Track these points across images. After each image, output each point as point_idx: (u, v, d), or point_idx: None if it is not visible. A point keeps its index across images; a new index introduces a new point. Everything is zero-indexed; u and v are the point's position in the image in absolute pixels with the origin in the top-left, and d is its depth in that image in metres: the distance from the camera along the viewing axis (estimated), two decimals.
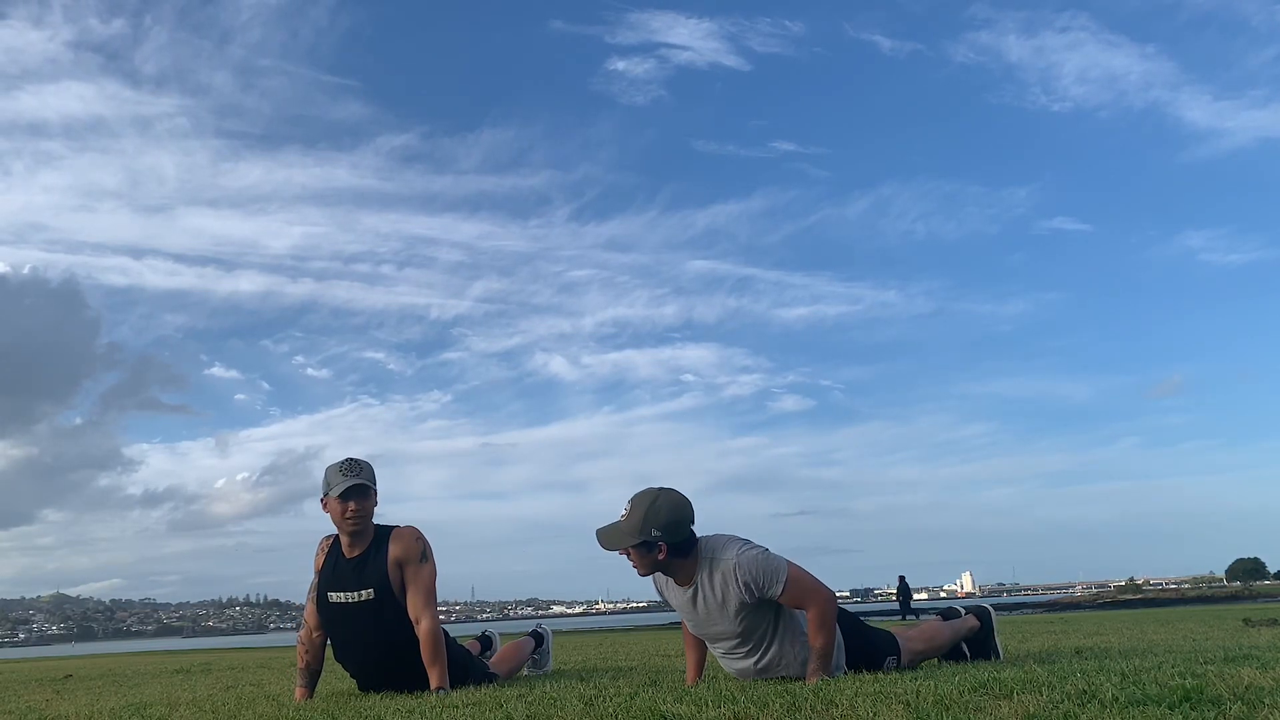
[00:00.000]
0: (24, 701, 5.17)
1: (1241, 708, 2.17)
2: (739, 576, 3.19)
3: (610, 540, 3.27)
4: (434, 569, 3.78)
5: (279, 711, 3.38)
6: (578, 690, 3.24)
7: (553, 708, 2.78)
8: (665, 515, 3.19)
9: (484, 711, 2.83)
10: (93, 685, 6.54)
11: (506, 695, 3.19)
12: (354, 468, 3.73)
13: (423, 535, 3.81)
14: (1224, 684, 2.47)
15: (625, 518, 3.24)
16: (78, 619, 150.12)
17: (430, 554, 3.79)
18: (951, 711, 2.32)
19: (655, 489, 3.26)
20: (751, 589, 3.18)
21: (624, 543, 3.23)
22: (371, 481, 3.74)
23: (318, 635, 3.87)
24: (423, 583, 3.73)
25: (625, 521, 3.24)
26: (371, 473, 3.76)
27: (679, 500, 3.25)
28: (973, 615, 3.90)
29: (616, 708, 2.69)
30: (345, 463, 3.74)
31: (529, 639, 4.68)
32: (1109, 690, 2.44)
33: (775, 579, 3.18)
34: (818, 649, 3.18)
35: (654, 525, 3.18)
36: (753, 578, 3.18)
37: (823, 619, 3.19)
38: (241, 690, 4.82)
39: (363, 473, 3.72)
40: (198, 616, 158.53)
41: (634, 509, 3.23)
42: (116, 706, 4.13)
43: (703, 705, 2.60)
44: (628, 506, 3.25)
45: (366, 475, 3.73)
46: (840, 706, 2.45)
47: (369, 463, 3.79)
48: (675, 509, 3.22)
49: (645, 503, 3.22)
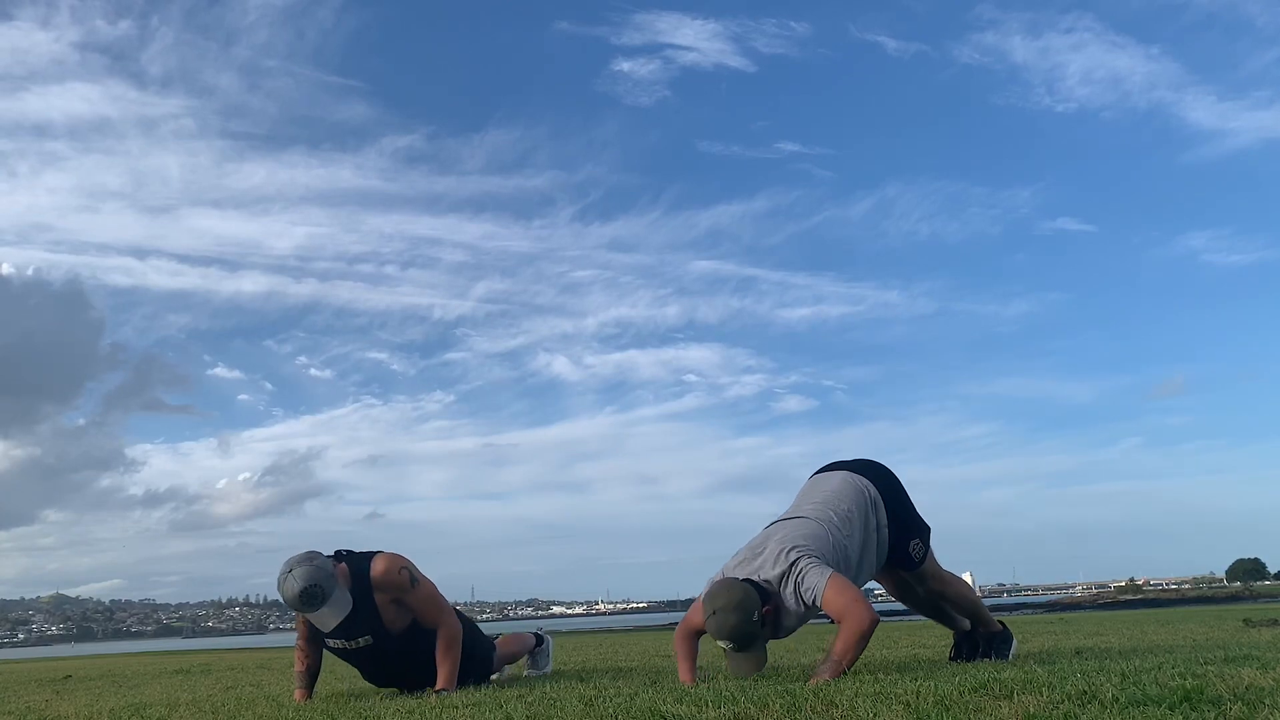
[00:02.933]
0: (24, 702, 5.17)
1: (1241, 708, 2.17)
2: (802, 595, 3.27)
3: (753, 665, 3.30)
4: (427, 584, 3.78)
5: (279, 712, 3.38)
6: (578, 690, 3.24)
7: (553, 708, 2.78)
8: (753, 596, 3.23)
9: (484, 711, 2.83)
10: (92, 685, 6.54)
11: (506, 695, 3.19)
12: (308, 601, 3.55)
13: (403, 563, 3.74)
14: (1224, 684, 2.47)
15: (732, 647, 3.25)
16: (77, 619, 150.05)
17: (416, 573, 3.77)
18: (951, 711, 2.32)
19: (710, 608, 3.24)
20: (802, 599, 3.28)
21: (761, 652, 3.31)
22: (321, 598, 3.56)
23: (315, 643, 3.89)
24: (422, 603, 3.74)
25: (739, 648, 3.24)
26: (314, 574, 3.55)
27: (726, 592, 3.25)
28: (1000, 623, 3.99)
29: (616, 708, 2.69)
30: (300, 596, 3.53)
31: (531, 636, 4.69)
32: (1109, 690, 2.44)
33: (815, 596, 3.25)
34: (835, 657, 3.15)
35: (754, 609, 3.22)
36: (805, 592, 3.26)
37: (856, 632, 3.18)
38: (241, 691, 4.82)
39: (315, 599, 3.55)
40: (197, 617, 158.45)
41: (733, 636, 3.22)
42: (116, 707, 4.13)
43: (703, 705, 2.60)
44: (724, 643, 3.25)
45: (319, 599, 3.55)
46: (840, 706, 2.45)
47: (308, 562, 3.58)
48: (750, 589, 3.25)
49: (733, 605, 3.21)
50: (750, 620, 3.21)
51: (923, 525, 3.78)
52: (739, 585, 3.26)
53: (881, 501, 3.66)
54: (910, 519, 3.74)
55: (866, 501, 3.61)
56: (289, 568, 3.56)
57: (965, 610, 3.94)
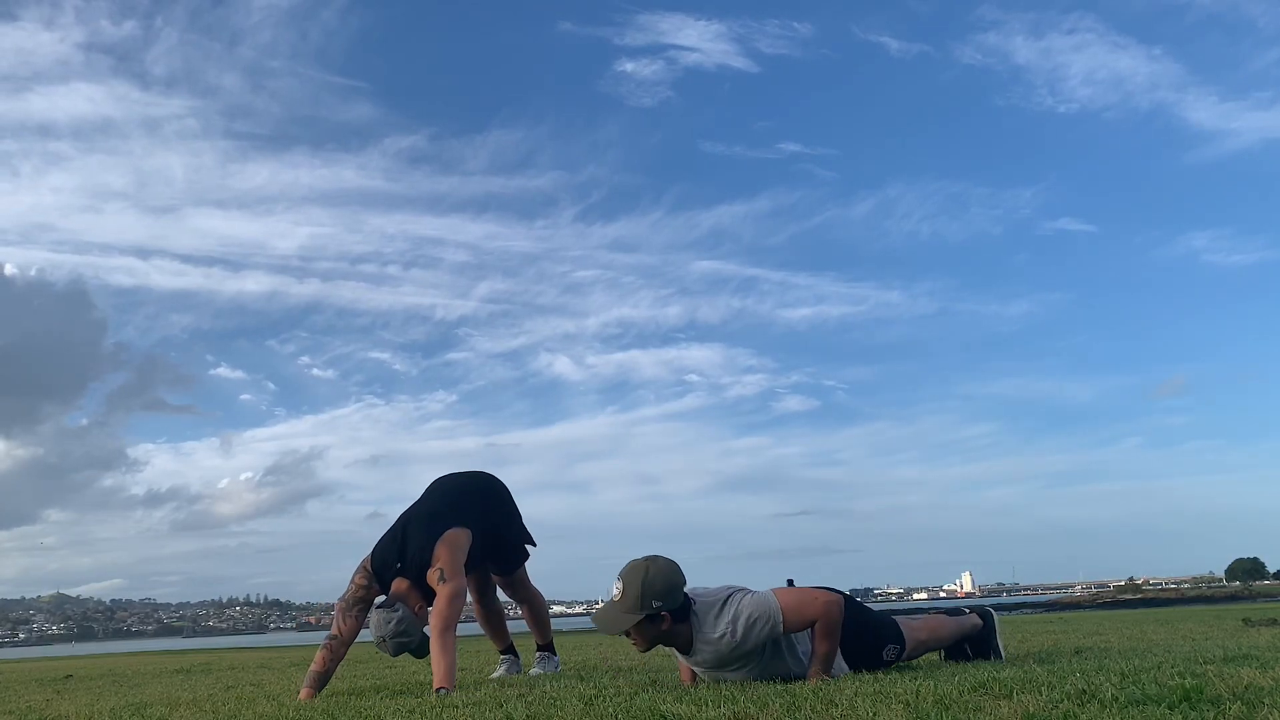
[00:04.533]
0: (24, 701, 5.17)
1: (1241, 708, 2.17)
2: (735, 634, 3.12)
3: (612, 623, 3.14)
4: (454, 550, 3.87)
5: (279, 711, 3.38)
6: (578, 690, 3.24)
7: (553, 707, 2.78)
8: (661, 583, 3.09)
9: (484, 711, 2.83)
10: (93, 685, 6.54)
11: (506, 695, 3.19)
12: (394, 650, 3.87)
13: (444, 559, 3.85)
14: (1224, 684, 2.47)
15: (620, 596, 3.11)
16: (78, 619, 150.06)
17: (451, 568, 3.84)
18: (951, 711, 2.32)
19: (641, 560, 3.17)
20: (749, 638, 3.13)
21: (628, 623, 3.10)
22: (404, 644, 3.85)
23: (343, 646, 3.92)
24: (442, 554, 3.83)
25: (621, 600, 3.11)
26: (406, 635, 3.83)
27: (668, 566, 3.16)
28: (976, 615, 3.92)
29: (616, 708, 2.69)
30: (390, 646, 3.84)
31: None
32: (1109, 690, 2.44)
33: (764, 623, 3.12)
34: (821, 654, 3.18)
35: (653, 596, 3.08)
36: (745, 630, 3.12)
37: (826, 627, 3.18)
38: (241, 690, 4.82)
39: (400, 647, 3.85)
40: (198, 616, 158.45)
41: (627, 586, 3.11)
42: (116, 706, 4.13)
43: (703, 705, 2.60)
44: (619, 584, 3.13)
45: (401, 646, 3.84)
46: (840, 706, 2.46)
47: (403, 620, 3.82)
48: (668, 575, 3.12)
49: (639, 576, 3.10)
50: (641, 599, 3.07)
51: (890, 628, 3.57)
52: (663, 563, 3.17)
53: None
54: (873, 633, 3.54)
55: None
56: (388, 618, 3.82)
57: (951, 633, 3.83)
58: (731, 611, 3.14)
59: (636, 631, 3.14)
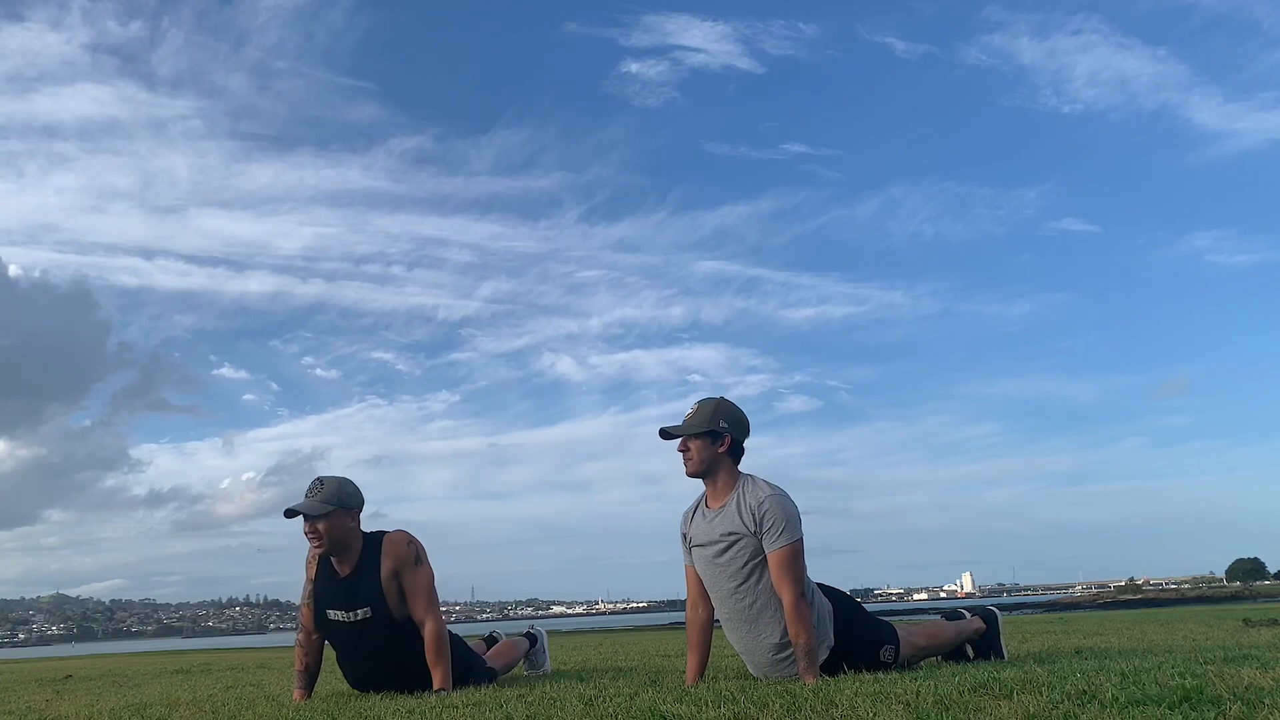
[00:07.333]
0: (24, 701, 5.17)
1: (1241, 708, 2.17)
2: (760, 504, 3.24)
3: (678, 428, 3.36)
4: (430, 570, 3.77)
5: (279, 712, 3.38)
6: (578, 690, 3.24)
7: (553, 708, 2.78)
8: (732, 413, 3.37)
9: (484, 711, 2.83)
10: (93, 685, 6.53)
11: (506, 695, 3.19)
12: (313, 487, 3.65)
13: (414, 539, 3.78)
14: (1224, 684, 2.47)
15: (693, 414, 3.37)
16: (78, 619, 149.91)
17: (424, 555, 3.77)
18: (951, 711, 2.32)
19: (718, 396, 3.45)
20: (757, 518, 3.23)
21: (695, 428, 3.33)
22: (333, 503, 3.61)
23: (315, 637, 3.86)
24: (421, 587, 3.71)
25: (694, 416, 3.37)
26: (335, 492, 3.64)
27: (740, 409, 3.42)
28: (978, 618, 3.90)
29: (616, 708, 2.69)
30: (312, 482, 3.67)
31: (523, 639, 4.67)
32: (1109, 690, 2.44)
33: (779, 530, 3.21)
34: (799, 646, 3.17)
35: (722, 417, 3.34)
36: (768, 512, 3.22)
37: (790, 612, 3.18)
38: (241, 690, 4.82)
39: (320, 492, 3.63)
40: (198, 617, 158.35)
41: (701, 406, 3.38)
42: (116, 706, 4.12)
43: (703, 705, 2.60)
44: (694, 407, 3.39)
45: (324, 496, 3.62)
46: (840, 706, 2.45)
47: (340, 482, 3.67)
48: (739, 412, 3.40)
49: (714, 401, 3.39)
50: (713, 415, 3.33)
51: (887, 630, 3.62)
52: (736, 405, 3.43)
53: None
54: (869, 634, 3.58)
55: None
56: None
57: (950, 638, 3.85)
58: (780, 496, 3.28)
59: (698, 444, 3.33)
